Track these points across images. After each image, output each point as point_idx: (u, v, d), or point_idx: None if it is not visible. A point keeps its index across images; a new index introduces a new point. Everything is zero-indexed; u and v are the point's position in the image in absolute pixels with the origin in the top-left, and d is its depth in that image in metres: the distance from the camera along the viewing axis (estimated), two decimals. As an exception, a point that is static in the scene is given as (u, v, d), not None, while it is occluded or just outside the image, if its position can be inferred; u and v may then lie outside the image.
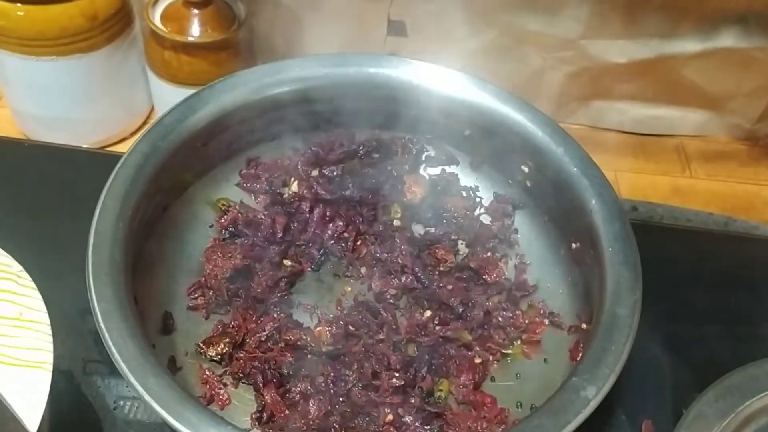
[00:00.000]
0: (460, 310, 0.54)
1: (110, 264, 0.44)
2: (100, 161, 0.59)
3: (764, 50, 0.81)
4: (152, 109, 0.85)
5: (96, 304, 0.42)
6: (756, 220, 0.77)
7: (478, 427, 0.49)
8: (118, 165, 0.49)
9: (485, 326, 0.53)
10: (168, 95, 0.78)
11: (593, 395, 0.41)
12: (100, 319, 0.41)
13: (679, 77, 0.84)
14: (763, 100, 0.86)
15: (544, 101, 0.88)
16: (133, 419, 0.50)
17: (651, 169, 0.86)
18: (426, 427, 0.48)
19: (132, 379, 0.39)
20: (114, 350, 0.40)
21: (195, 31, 0.75)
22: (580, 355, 0.48)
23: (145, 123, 0.85)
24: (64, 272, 0.47)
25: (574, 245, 0.53)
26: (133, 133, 0.85)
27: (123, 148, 0.76)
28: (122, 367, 0.40)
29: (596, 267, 0.49)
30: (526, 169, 0.57)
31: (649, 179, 0.85)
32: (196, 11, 0.75)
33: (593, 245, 0.50)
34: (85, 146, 0.80)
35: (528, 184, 0.57)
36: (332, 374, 0.49)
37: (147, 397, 0.39)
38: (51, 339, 0.44)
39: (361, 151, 0.60)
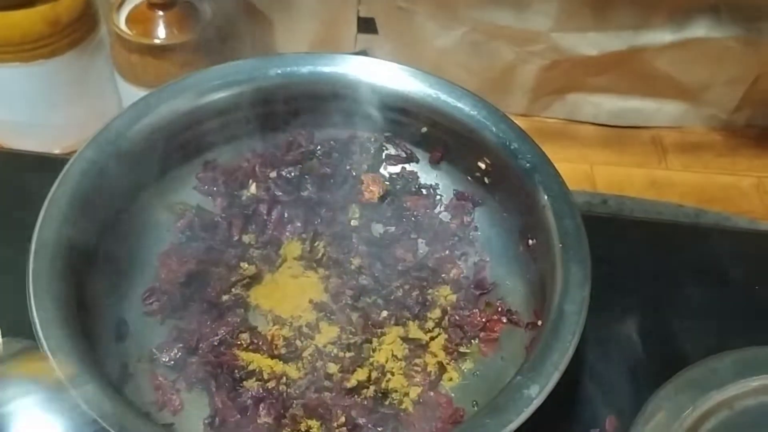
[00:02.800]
0: (417, 309, 0.53)
1: (51, 272, 0.43)
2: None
3: (738, 40, 0.80)
4: (123, 112, 0.85)
5: (35, 313, 0.41)
6: (732, 211, 0.76)
7: (434, 428, 0.48)
8: (62, 173, 0.48)
9: (442, 325, 0.53)
10: (136, 98, 0.77)
11: (536, 394, 0.40)
12: (38, 328, 0.41)
13: (652, 69, 0.83)
14: (739, 90, 0.85)
15: (518, 95, 0.87)
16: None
17: (627, 161, 0.85)
18: (379, 429, 0.48)
19: (69, 387, 0.39)
20: (51, 358, 0.40)
21: (161, 33, 0.75)
22: (533, 352, 0.47)
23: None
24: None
25: (530, 241, 0.53)
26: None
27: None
28: (59, 375, 0.39)
29: (549, 263, 0.48)
30: (483, 166, 0.56)
31: (625, 172, 0.84)
32: (161, 13, 0.75)
33: (546, 241, 0.49)
34: (56, 152, 0.79)
35: (486, 180, 0.57)
36: (284, 377, 0.49)
37: (84, 406, 0.38)
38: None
39: (319, 151, 0.59)
